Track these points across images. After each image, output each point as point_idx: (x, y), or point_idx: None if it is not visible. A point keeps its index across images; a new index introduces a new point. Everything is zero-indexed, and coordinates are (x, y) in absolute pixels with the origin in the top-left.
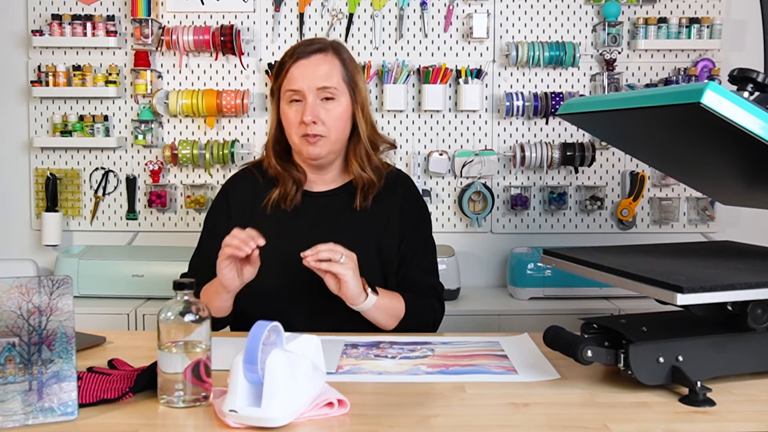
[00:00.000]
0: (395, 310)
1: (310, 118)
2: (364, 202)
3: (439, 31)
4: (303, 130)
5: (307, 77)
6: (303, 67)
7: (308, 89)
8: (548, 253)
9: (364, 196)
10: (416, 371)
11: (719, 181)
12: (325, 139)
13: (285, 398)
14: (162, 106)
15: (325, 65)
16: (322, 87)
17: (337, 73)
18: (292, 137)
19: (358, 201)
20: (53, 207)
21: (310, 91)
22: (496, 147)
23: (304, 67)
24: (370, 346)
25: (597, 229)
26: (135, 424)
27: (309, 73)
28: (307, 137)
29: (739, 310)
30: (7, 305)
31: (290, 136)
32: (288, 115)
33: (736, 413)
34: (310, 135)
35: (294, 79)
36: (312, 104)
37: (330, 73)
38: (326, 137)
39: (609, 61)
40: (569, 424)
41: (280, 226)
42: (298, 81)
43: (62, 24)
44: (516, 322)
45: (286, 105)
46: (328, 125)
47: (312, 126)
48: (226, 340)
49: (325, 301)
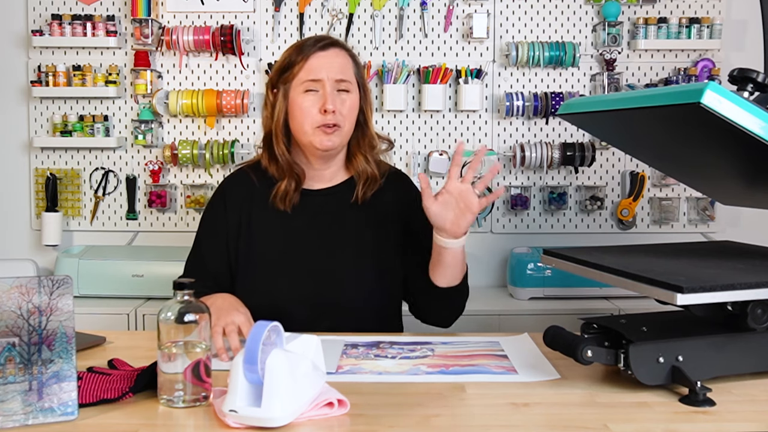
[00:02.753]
0: (465, 265)
1: (332, 107)
2: (364, 196)
3: (439, 31)
4: (321, 120)
5: (326, 68)
6: (322, 58)
7: (327, 79)
8: (548, 253)
9: (365, 190)
10: (416, 371)
11: (719, 181)
12: (340, 130)
13: (285, 398)
14: (162, 106)
15: (341, 58)
16: (340, 79)
17: (350, 68)
18: (303, 127)
19: (359, 194)
20: (53, 207)
21: (329, 80)
22: (496, 147)
23: (322, 58)
24: (370, 346)
25: (597, 229)
26: (135, 424)
27: (328, 63)
28: (323, 128)
29: (739, 310)
30: (7, 305)
31: (301, 127)
32: (303, 104)
33: (736, 413)
34: (328, 125)
35: (313, 69)
36: (331, 93)
37: (346, 66)
38: (341, 128)
39: (609, 61)
40: (569, 424)
41: (279, 225)
42: (318, 71)
43: (62, 24)
44: (516, 322)
45: (300, 96)
46: (344, 116)
47: (332, 115)
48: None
49: (324, 301)
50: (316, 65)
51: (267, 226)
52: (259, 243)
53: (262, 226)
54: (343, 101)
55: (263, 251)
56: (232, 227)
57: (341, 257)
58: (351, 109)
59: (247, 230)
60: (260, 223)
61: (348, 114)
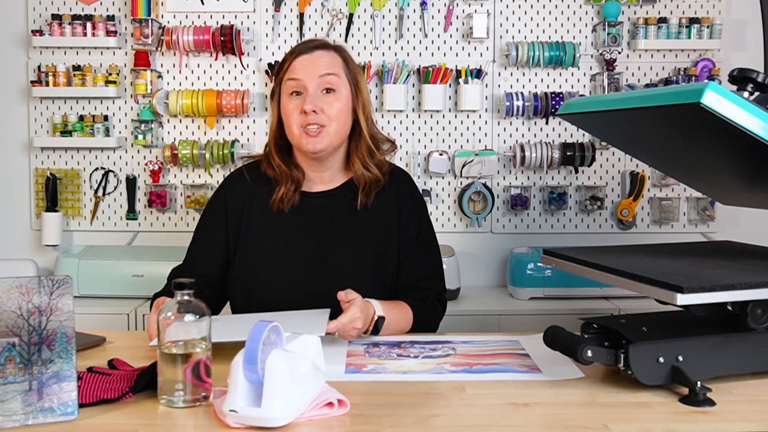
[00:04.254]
0: (401, 325)
1: (310, 107)
2: (366, 200)
3: (439, 31)
4: (303, 120)
5: (308, 68)
6: (305, 60)
7: (309, 79)
8: (548, 253)
9: (366, 194)
10: (440, 370)
11: (719, 181)
12: (325, 130)
13: (285, 398)
14: (162, 106)
15: (327, 58)
16: (324, 74)
17: (338, 66)
18: (292, 130)
19: (360, 200)
20: (53, 207)
21: (311, 81)
22: (496, 147)
23: (306, 59)
24: (391, 345)
25: (597, 229)
26: (135, 424)
27: (310, 64)
28: (307, 129)
29: (739, 310)
30: (7, 305)
31: (290, 129)
32: (288, 107)
33: (736, 413)
34: (310, 126)
35: (295, 69)
36: (312, 94)
37: (331, 63)
38: (326, 128)
39: (609, 61)
40: (569, 424)
41: (277, 227)
42: (300, 71)
43: (62, 24)
44: (516, 322)
45: (286, 98)
46: (329, 115)
47: (312, 115)
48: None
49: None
50: (299, 67)
51: (266, 227)
52: (258, 244)
53: (261, 226)
54: (329, 102)
55: (262, 252)
56: (232, 227)
57: (340, 258)
58: (338, 109)
59: (246, 231)
60: (259, 224)
61: (334, 114)
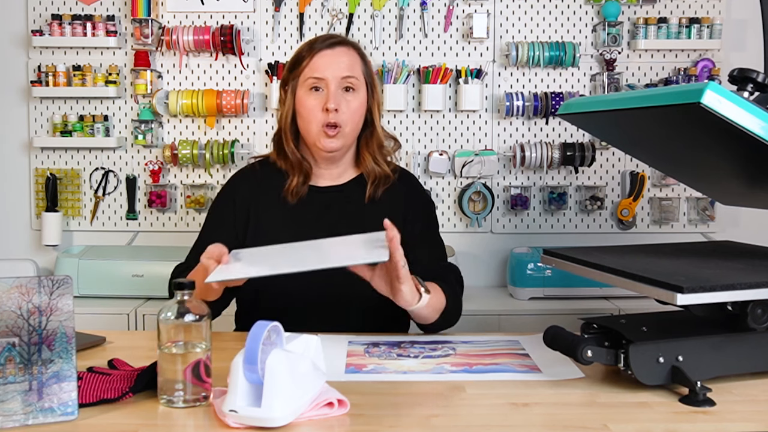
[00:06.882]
0: (440, 304)
1: (333, 105)
2: (375, 193)
3: (439, 31)
4: (324, 118)
5: (331, 66)
6: (327, 57)
7: (332, 78)
8: (548, 253)
9: (375, 188)
10: (440, 370)
11: (719, 181)
12: (342, 130)
13: (285, 398)
14: (162, 106)
15: (348, 57)
16: (345, 76)
17: (358, 67)
18: (309, 126)
19: (369, 192)
20: (53, 207)
21: (333, 79)
22: (496, 147)
23: (328, 56)
24: (391, 345)
25: (597, 229)
26: (135, 424)
27: (333, 62)
28: (326, 128)
29: (739, 310)
30: (7, 305)
31: (308, 125)
32: (307, 103)
33: (736, 413)
34: (330, 125)
35: (318, 67)
36: (334, 92)
37: (352, 64)
38: (343, 129)
39: (609, 61)
40: (569, 424)
41: (286, 220)
42: (323, 69)
43: (62, 24)
44: (516, 322)
45: (305, 93)
46: (347, 116)
47: (333, 114)
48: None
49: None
50: (321, 63)
51: (275, 221)
52: (266, 238)
53: (269, 221)
54: (348, 101)
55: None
56: (240, 222)
57: None
58: (355, 110)
59: (255, 225)
60: (268, 219)
61: (352, 114)
